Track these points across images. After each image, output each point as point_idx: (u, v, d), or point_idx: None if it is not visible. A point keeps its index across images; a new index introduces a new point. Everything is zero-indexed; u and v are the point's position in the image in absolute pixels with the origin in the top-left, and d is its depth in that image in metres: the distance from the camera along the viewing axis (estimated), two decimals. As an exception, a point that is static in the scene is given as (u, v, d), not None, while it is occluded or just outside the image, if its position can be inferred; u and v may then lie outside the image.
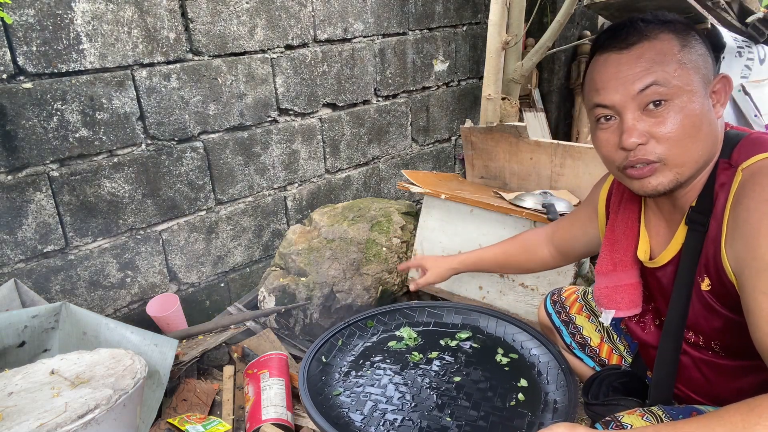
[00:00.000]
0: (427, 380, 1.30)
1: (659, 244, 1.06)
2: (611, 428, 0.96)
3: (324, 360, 1.37)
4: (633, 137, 0.91)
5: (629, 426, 0.95)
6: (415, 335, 1.46)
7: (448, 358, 1.38)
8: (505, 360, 1.36)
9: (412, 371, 1.34)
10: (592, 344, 1.39)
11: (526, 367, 1.34)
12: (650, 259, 1.07)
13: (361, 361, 1.39)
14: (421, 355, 1.39)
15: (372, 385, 1.29)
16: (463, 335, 1.46)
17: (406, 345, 1.43)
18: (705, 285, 0.94)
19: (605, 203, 1.21)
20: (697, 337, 1.01)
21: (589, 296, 1.43)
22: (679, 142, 0.90)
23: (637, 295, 1.11)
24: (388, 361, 1.38)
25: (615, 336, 1.38)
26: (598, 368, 1.38)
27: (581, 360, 1.42)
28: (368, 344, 1.46)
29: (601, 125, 0.95)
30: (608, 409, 1.13)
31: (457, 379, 1.30)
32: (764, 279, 0.77)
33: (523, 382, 1.28)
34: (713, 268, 0.92)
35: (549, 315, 1.46)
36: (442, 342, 1.45)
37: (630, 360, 1.33)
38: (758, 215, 0.80)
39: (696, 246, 0.95)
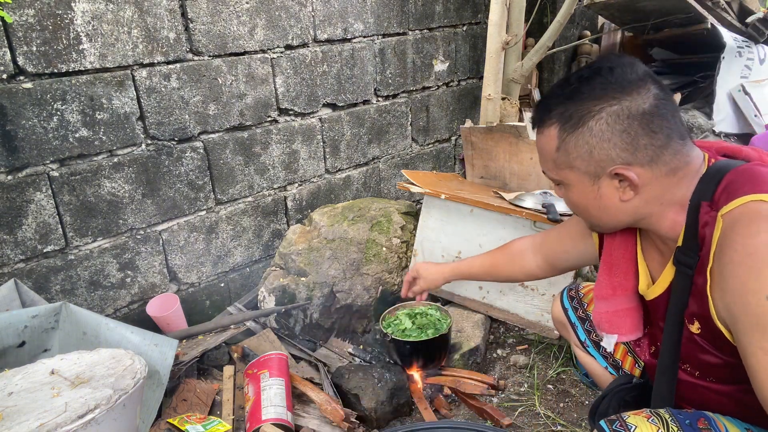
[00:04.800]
0: None
1: (654, 274, 1.07)
2: (615, 427, 0.96)
3: None
4: (555, 192, 1.11)
5: (634, 427, 0.95)
6: None
7: None
8: None
9: None
10: None
11: None
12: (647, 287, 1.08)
13: None
14: None
15: None
16: None
17: None
18: (695, 329, 0.96)
19: None
20: (693, 371, 1.02)
21: None
22: (575, 213, 1.08)
23: (637, 319, 1.12)
24: None
25: (606, 348, 1.38)
26: (610, 369, 1.37)
27: (594, 358, 1.41)
28: None
29: None
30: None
31: None
32: (758, 335, 0.79)
33: None
34: (701, 314, 0.93)
35: (565, 310, 1.46)
36: None
37: (643, 364, 1.32)
38: (743, 269, 0.81)
39: (684, 288, 0.95)
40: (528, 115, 3.34)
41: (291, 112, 2.46)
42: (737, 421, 0.98)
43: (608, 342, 1.15)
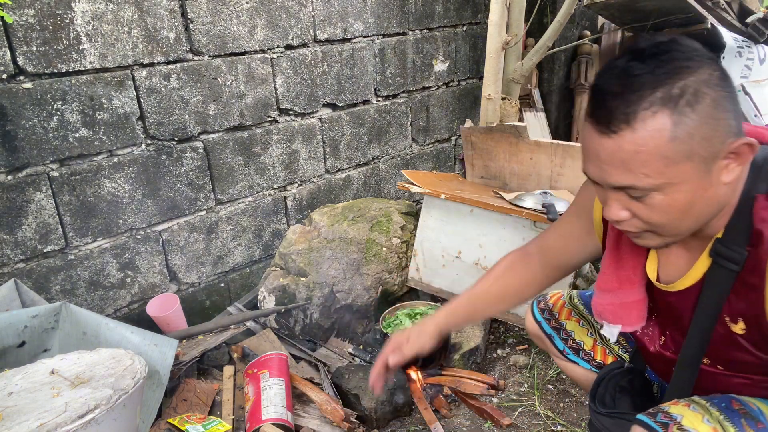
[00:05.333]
0: None
1: (672, 265, 1.00)
2: (659, 420, 0.93)
3: None
4: (611, 215, 0.88)
5: (680, 416, 0.92)
6: None
7: None
8: None
9: None
10: (585, 348, 1.37)
11: None
12: (657, 279, 1.02)
13: None
14: None
15: None
16: None
17: None
18: (738, 328, 0.90)
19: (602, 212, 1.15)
20: (715, 364, 0.98)
21: (576, 300, 1.41)
22: (665, 224, 0.85)
23: (643, 310, 1.06)
24: None
25: (607, 337, 1.37)
26: (595, 370, 1.37)
27: (576, 364, 1.39)
28: None
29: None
30: (615, 423, 1.11)
31: None
32: None
33: None
34: (752, 315, 0.87)
35: (539, 323, 1.42)
36: None
37: (627, 358, 1.32)
38: None
39: (724, 284, 0.89)
40: (529, 114, 3.34)
41: (291, 112, 2.46)
42: (763, 399, 0.97)
43: (610, 332, 1.09)
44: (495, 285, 1.26)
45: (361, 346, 2.15)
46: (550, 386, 1.89)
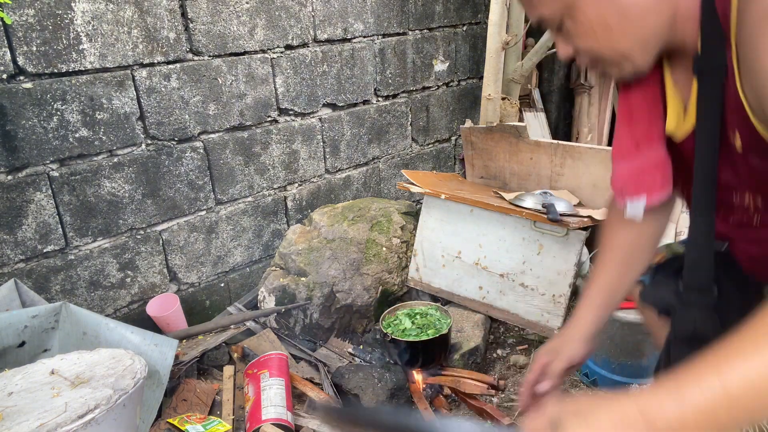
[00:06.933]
0: None
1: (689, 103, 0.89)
2: None
3: None
4: (560, 54, 0.88)
5: None
6: None
7: None
8: None
9: None
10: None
11: None
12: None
13: None
14: None
15: None
16: None
17: None
18: (737, 141, 0.80)
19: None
20: (755, 196, 0.88)
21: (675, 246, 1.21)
22: (595, 47, 0.81)
23: (667, 172, 0.94)
24: None
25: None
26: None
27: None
28: None
29: None
30: (655, 290, 1.07)
31: None
32: None
33: None
34: (739, 119, 0.77)
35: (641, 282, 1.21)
36: None
37: None
38: (760, 32, 0.66)
39: (713, 95, 0.79)
40: (529, 114, 3.34)
41: (291, 112, 2.46)
42: None
43: (636, 209, 0.96)
44: (612, 265, 1.07)
45: (361, 346, 2.16)
46: (550, 386, 1.89)
